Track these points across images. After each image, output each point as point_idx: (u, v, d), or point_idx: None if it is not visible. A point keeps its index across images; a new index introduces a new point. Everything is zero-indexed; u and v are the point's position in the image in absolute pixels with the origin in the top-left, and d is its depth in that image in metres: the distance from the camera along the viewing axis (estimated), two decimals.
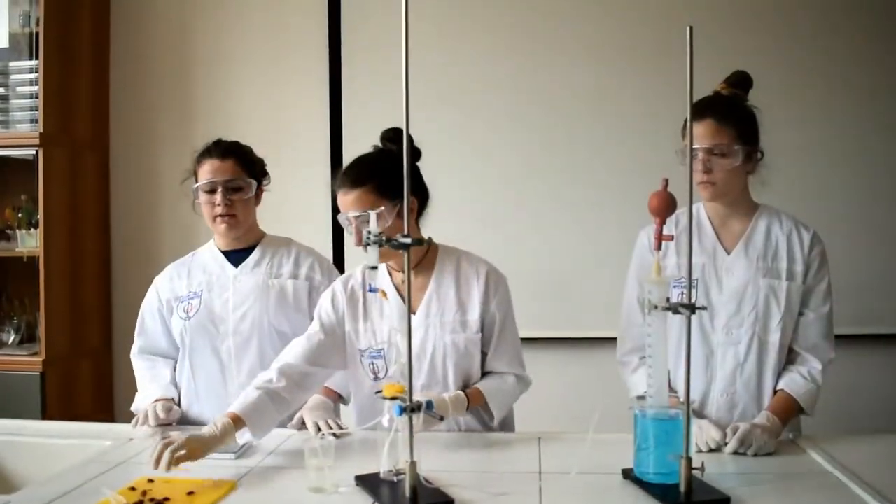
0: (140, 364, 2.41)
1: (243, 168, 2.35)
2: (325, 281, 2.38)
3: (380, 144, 2.14)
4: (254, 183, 2.36)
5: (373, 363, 2.13)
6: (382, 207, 1.97)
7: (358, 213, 1.98)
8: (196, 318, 2.33)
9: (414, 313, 2.09)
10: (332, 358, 2.14)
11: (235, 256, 2.40)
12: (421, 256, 2.12)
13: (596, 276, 3.40)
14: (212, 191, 2.30)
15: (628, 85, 3.47)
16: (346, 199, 2.01)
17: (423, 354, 2.08)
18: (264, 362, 2.29)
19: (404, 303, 2.07)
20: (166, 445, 1.73)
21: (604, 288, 3.17)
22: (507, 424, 2.21)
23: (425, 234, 2.01)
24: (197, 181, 2.33)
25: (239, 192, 2.32)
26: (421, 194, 2.12)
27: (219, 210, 2.30)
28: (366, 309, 2.15)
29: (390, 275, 2.14)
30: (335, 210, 3.56)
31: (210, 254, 2.43)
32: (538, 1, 3.54)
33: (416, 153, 2.10)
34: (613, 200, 3.45)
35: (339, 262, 3.60)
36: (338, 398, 2.32)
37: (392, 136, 2.09)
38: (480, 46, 3.57)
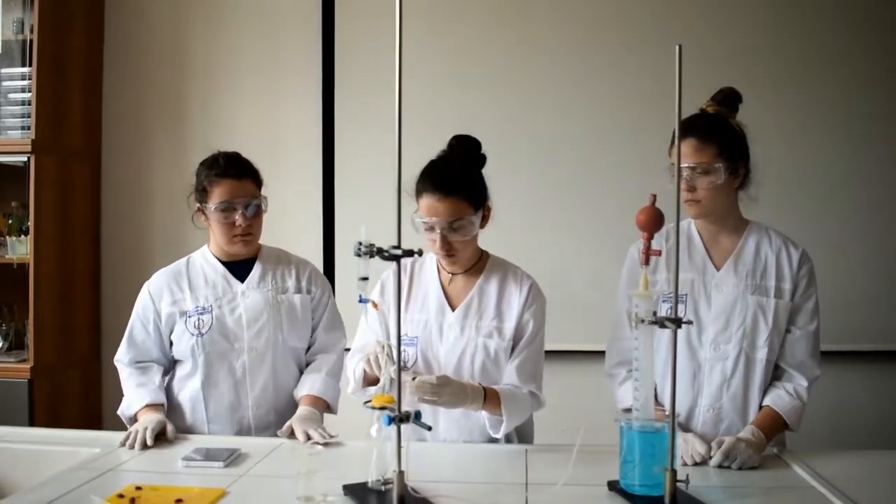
0: (127, 370, 2.37)
1: (257, 186, 2.37)
2: (318, 292, 2.45)
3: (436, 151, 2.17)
4: (266, 199, 2.37)
5: (405, 351, 2.17)
6: (472, 216, 2.05)
7: (451, 220, 2.03)
8: (209, 335, 2.32)
9: (453, 310, 2.17)
10: None
11: (237, 269, 2.40)
12: (474, 262, 2.19)
13: (583, 290, 3.42)
14: (229, 210, 2.30)
15: (624, 101, 3.50)
16: (439, 205, 2.03)
17: (452, 352, 2.13)
18: (277, 377, 2.36)
19: (447, 302, 2.18)
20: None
21: (593, 302, 3.19)
22: (525, 435, 2.24)
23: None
24: (207, 198, 2.31)
25: (257, 211, 2.34)
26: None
27: (239, 230, 2.31)
28: (409, 297, 2.21)
29: (438, 272, 2.21)
30: (327, 219, 3.63)
31: (209, 264, 2.41)
32: (534, 19, 3.58)
33: (480, 160, 2.15)
34: (604, 216, 3.47)
35: (329, 270, 3.61)
36: (325, 407, 2.34)
37: (457, 143, 2.14)
38: (477, 55, 3.60)
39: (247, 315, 2.34)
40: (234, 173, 2.31)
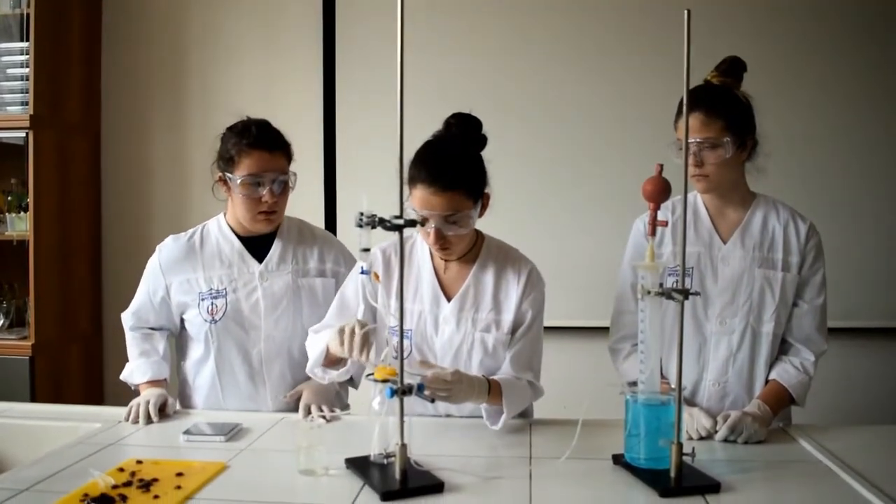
0: (131, 333, 2.30)
1: (288, 160, 2.22)
2: (347, 274, 2.30)
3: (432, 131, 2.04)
4: (295, 175, 2.23)
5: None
6: (470, 209, 1.92)
7: (447, 214, 1.90)
8: (223, 322, 2.21)
9: (448, 300, 2.06)
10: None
11: (255, 245, 2.27)
12: (469, 248, 2.07)
13: (583, 265, 3.40)
14: (256, 185, 2.15)
15: (629, 73, 3.47)
16: (434, 199, 1.88)
17: (449, 347, 2.05)
18: (293, 365, 2.25)
19: (441, 289, 2.08)
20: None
21: (593, 277, 3.18)
22: (525, 412, 2.15)
23: None
24: (233, 168, 2.15)
25: (284, 188, 2.19)
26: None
27: (265, 207, 2.16)
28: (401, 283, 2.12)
29: (431, 257, 2.10)
30: (329, 198, 3.61)
31: (225, 239, 2.27)
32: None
33: (481, 142, 2.02)
34: (605, 189, 3.45)
35: None
36: (348, 379, 2.25)
37: (456, 122, 2.00)
38: (478, 38, 3.57)
39: (265, 301, 2.22)
40: (266, 145, 2.15)
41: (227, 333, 2.22)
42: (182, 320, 2.30)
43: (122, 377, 2.28)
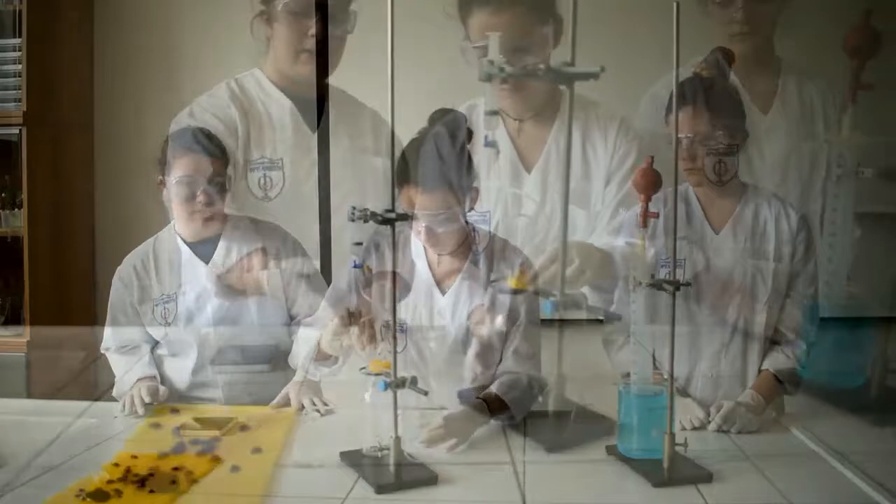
0: (114, 356, 2.38)
1: (224, 164, 2.27)
2: (290, 262, 2.35)
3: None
4: (232, 177, 2.29)
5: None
6: (458, 206, 1.92)
7: (436, 213, 1.90)
8: (175, 324, 2.29)
9: (443, 294, 2.06)
10: None
11: (202, 248, 2.32)
12: (461, 240, 2.06)
13: None
14: (189, 186, 2.20)
15: (618, 60, 3.45)
16: (422, 198, 1.89)
17: (444, 342, 2.04)
18: (245, 355, 2.30)
19: (435, 282, 2.07)
20: None
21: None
22: None
23: None
24: (169, 171, 2.22)
25: (220, 189, 2.24)
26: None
27: (198, 207, 2.21)
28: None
29: (425, 251, 2.08)
30: (323, 196, 3.60)
31: (174, 245, 2.34)
32: None
33: (466, 135, 1.99)
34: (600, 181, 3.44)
35: (325, 248, 3.58)
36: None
37: (440, 120, 1.98)
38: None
39: (211, 301, 2.29)
40: (200, 148, 2.21)
41: (179, 334, 2.29)
42: None
43: (114, 394, 2.30)
